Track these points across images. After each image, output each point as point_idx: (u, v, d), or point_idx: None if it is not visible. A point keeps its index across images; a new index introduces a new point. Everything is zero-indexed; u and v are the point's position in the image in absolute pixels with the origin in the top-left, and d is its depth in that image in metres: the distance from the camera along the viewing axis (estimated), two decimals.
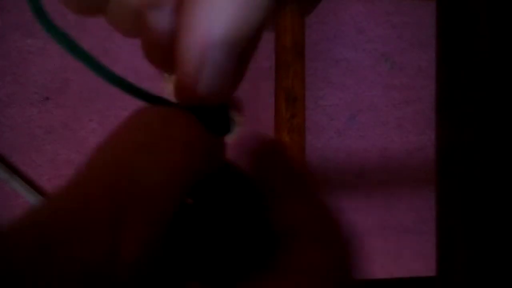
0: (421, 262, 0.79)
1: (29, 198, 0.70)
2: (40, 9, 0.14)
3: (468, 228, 0.25)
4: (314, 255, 0.12)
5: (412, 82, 0.79)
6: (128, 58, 0.73)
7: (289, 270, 0.12)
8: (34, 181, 0.72)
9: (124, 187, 0.10)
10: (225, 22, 0.13)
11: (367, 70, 0.78)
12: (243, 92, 0.75)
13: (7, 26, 0.71)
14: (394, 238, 0.78)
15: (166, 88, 0.71)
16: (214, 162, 0.14)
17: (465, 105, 0.25)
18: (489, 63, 0.24)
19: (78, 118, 0.72)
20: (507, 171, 0.24)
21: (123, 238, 0.09)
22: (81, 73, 0.72)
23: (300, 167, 0.16)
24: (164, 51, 0.15)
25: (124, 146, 0.12)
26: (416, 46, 0.79)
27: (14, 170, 0.70)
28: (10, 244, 0.08)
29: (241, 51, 0.14)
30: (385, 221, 0.78)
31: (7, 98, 0.71)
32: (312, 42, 0.76)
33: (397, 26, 0.79)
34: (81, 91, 0.72)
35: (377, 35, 0.78)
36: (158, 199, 0.10)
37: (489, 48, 0.24)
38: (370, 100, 0.78)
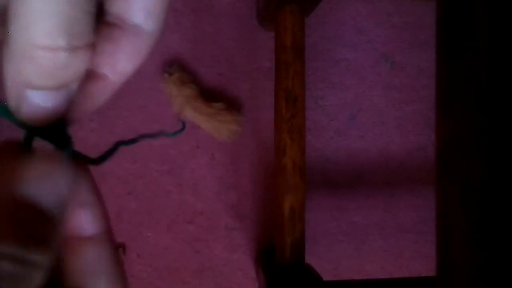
0: (421, 262, 0.79)
1: None
2: None
3: (468, 228, 0.25)
4: None
5: (412, 82, 0.79)
6: None
7: None
8: None
9: None
10: (38, 76, 0.13)
11: (367, 70, 0.78)
12: (243, 92, 0.75)
13: None
14: (394, 238, 0.78)
15: (166, 88, 0.71)
16: None
17: (465, 105, 0.25)
18: (489, 63, 0.24)
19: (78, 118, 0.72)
20: (507, 171, 0.24)
21: None
22: None
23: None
24: None
25: None
26: (416, 46, 0.79)
27: None
28: None
29: (57, 92, 0.14)
30: (385, 221, 0.78)
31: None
32: (312, 42, 0.76)
33: (397, 26, 0.79)
34: None
35: (377, 35, 0.78)
36: None
37: (489, 48, 0.24)
38: (370, 100, 0.78)
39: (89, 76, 0.16)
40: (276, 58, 0.63)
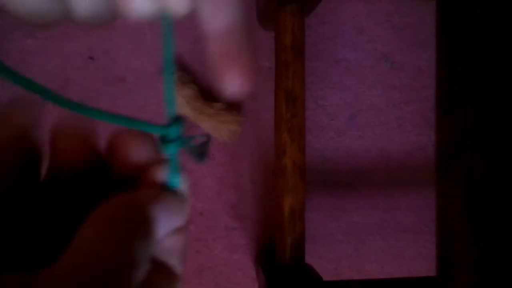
0: (421, 262, 0.79)
1: None
2: None
3: (468, 228, 0.25)
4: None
5: (412, 82, 0.79)
6: (128, 58, 0.73)
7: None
8: None
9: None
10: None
11: (367, 70, 0.78)
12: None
13: (7, 26, 0.71)
14: (394, 238, 0.78)
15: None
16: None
17: (465, 105, 0.25)
18: (489, 63, 0.24)
19: None
20: (507, 171, 0.24)
21: None
22: (81, 73, 0.72)
23: None
24: None
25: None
26: (416, 46, 0.79)
27: None
28: None
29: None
30: (385, 221, 0.78)
31: (7, 99, 0.71)
32: (312, 42, 0.76)
33: (397, 26, 0.79)
34: (81, 91, 0.72)
35: (377, 35, 0.78)
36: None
37: (489, 48, 0.24)
38: (370, 100, 0.78)
39: None
40: (276, 58, 0.63)
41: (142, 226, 0.16)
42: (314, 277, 0.58)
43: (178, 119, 0.19)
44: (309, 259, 0.63)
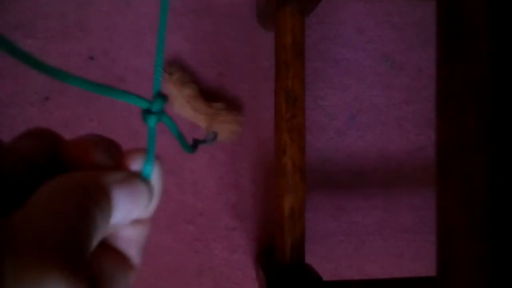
0: (421, 262, 0.79)
1: None
2: None
3: (468, 228, 0.25)
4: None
5: (412, 82, 0.79)
6: (128, 58, 0.73)
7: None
8: None
9: None
10: None
11: (367, 70, 0.78)
12: (243, 92, 0.75)
13: (7, 26, 0.71)
14: (394, 238, 0.78)
15: (166, 88, 0.71)
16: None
17: (465, 105, 0.25)
18: (489, 63, 0.24)
19: (78, 118, 0.72)
20: (507, 171, 0.24)
21: None
22: (81, 73, 0.72)
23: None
24: None
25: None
26: (416, 46, 0.79)
27: None
28: None
29: None
30: (385, 221, 0.78)
31: (7, 98, 0.71)
32: (312, 42, 0.76)
33: (397, 26, 0.79)
34: (81, 91, 0.72)
35: (377, 35, 0.78)
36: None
37: (489, 48, 0.24)
38: (370, 100, 0.78)
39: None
40: (276, 58, 0.63)
41: (100, 199, 0.17)
42: (314, 277, 0.58)
43: (162, 95, 0.20)
44: (309, 259, 0.63)
